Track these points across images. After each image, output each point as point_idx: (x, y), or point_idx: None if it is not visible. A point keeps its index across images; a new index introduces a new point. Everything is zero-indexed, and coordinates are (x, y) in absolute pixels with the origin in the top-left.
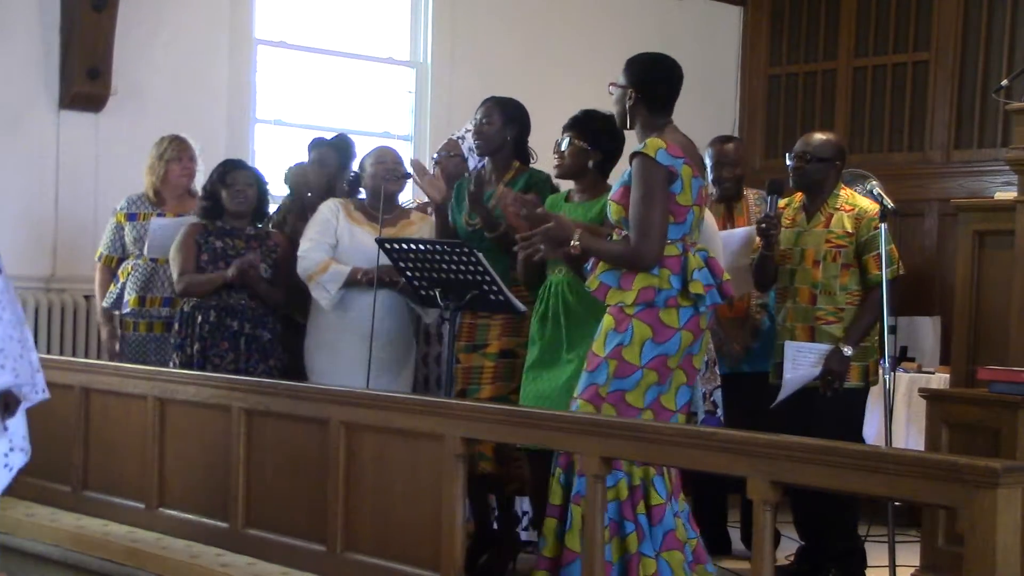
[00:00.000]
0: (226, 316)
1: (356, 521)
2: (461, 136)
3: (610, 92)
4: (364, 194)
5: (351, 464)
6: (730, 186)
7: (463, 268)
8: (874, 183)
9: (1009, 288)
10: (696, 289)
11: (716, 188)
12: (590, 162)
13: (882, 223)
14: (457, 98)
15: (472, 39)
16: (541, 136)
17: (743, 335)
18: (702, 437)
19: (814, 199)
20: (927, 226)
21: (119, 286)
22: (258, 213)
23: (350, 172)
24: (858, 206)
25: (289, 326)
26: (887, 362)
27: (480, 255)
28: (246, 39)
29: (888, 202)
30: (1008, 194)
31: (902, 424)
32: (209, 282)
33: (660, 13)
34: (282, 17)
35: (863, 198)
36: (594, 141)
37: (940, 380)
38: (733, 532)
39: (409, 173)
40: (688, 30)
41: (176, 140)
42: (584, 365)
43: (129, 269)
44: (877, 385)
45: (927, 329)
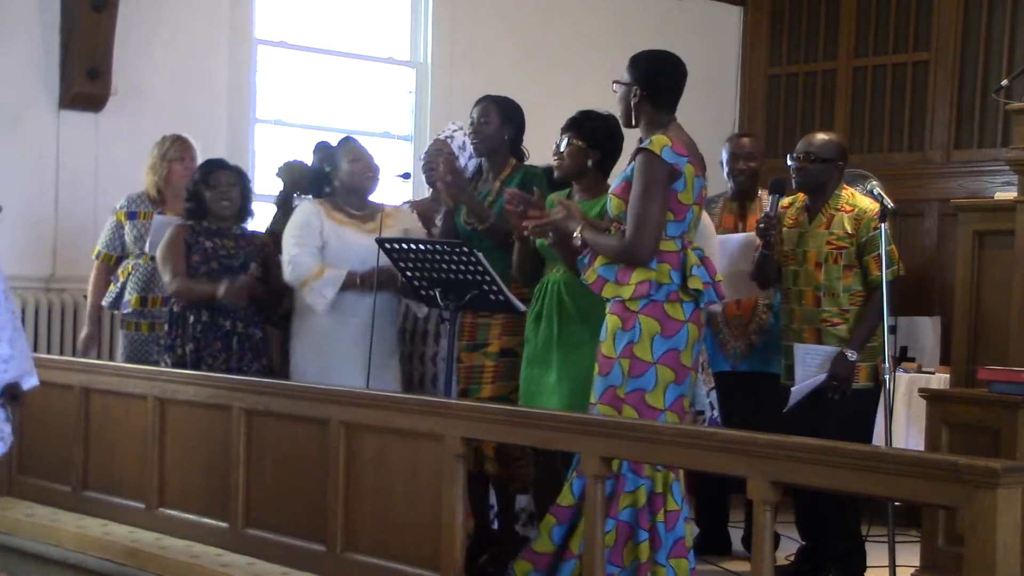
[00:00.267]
0: (219, 316)
1: (356, 521)
2: (449, 136)
3: (614, 90)
4: (331, 191)
5: (351, 464)
6: (743, 179)
7: (463, 268)
8: (874, 183)
9: (1009, 288)
10: (696, 284)
11: (730, 181)
12: (589, 162)
13: (882, 223)
14: (457, 98)
15: (472, 39)
16: (541, 136)
17: (747, 334)
18: (702, 437)
19: (816, 199)
20: (927, 226)
21: (119, 285)
22: (242, 212)
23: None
24: (858, 206)
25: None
26: (888, 362)
27: (480, 255)
28: (246, 39)
29: (888, 202)
30: (1008, 194)
31: (902, 424)
32: (200, 295)
33: (660, 13)
34: (282, 17)
35: (864, 198)
36: (592, 140)
37: (940, 380)
38: (734, 532)
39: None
40: (688, 30)
41: (179, 140)
42: (595, 369)
43: (130, 268)
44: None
45: (927, 329)
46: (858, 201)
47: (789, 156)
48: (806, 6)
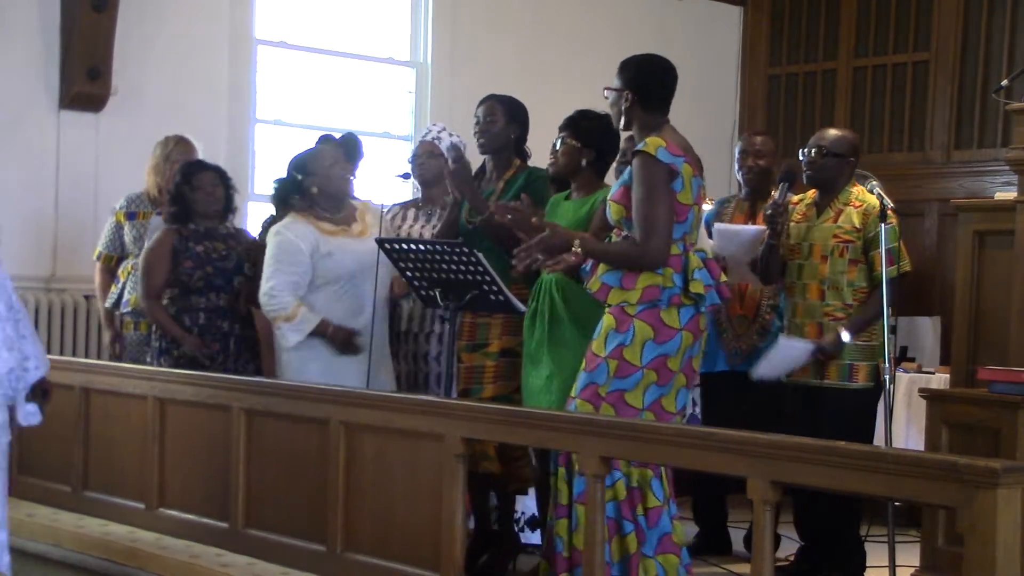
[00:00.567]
0: (216, 317)
1: (356, 521)
2: (437, 136)
3: (605, 96)
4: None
5: (351, 464)
6: (752, 177)
7: (463, 268)
8: (874, 183)
9: (1009, 288)
10: (697, 288)
11: (741, 178)
12: (583, 161)
13: (882, 223)
14: (457, 98)
15: (472, 39)
16: (540, 136)
17: (751, 334)
18: (701, 437)
19: (826, 195)
20: (927, 226)
21: (119, 286)
22: (226, 210)
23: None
24: (867, 202)
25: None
26: (888, 362)
27: (480, 255)
28: (246, 39)
29: (888, 202)
30: (1008, 194)
31: (902, 424)
32: (166, 328)
33: (660, 13)
34: (282, 17)
35: (872, 195)
36: (587, 140)
37: (940, 380)
38: (734, 533)
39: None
40: (688, 30)
41: (182, 141)
42: (582, 365)
43: (129, 268)
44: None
45: (927, 329)
46: (867, 197)
47: (801, 151)
48: (806, 6)
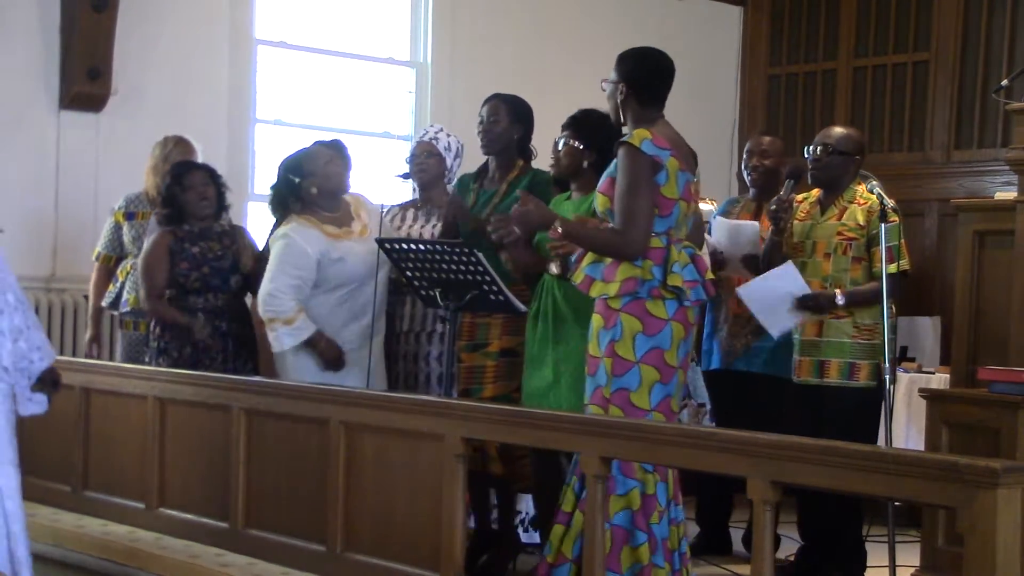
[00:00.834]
0: (215, 318)
1: (356, 521)
2: (434, 137)
3: (602, 88)
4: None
5: (351, 464)
6: (756, 176)
7: (463, 268)
8: (875, 183)
9: (1009, 288)
10: (674, 281)
11: (747, 178)
12: (585, 163)
13: (882, 223)
14: (457, 98)
15: (472, 39)
16: (541, 136)
17: (746, 334)
18: (702, 437)
19: (830, 193)
20: (927, 226)
21: (117, 286)
22: (218, 210)
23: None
24: (871, 200)
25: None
26: (888, 363)
27: (480, 255)
28: (246, 39)
29: (889, 202)
30: (1008, 194)
31: (902, 424)
32: (173, 321)
33: (660, 13)
34: (282, 17)
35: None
36: (589, 141)
37: (940, 380)
38: (734, 532)
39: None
40: (688, 30)
41: (181, 142)
42: (586, 369)
43: (128, 268)
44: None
45: (927, 329)
46: (872, 196)
47: (807, 149)
48: (806, 6)
